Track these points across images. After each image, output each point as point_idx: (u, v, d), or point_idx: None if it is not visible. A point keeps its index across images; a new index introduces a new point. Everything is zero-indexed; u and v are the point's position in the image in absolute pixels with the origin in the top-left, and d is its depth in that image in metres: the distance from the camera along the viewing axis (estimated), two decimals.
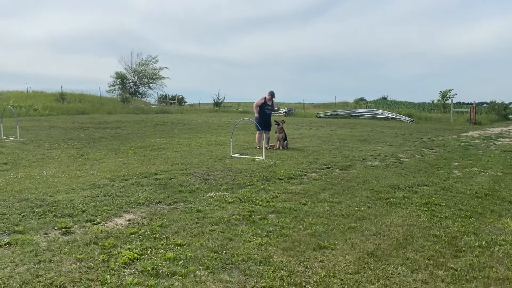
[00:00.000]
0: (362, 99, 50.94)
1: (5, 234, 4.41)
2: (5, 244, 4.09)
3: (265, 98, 12.33)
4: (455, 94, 44.10)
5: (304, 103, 45.73)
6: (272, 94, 12.44)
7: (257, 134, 12.31)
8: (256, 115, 12.23)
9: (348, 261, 3.93)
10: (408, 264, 3.90)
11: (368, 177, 7.97)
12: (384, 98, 58.23)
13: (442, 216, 5.45)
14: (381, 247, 4.31)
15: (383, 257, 4.03)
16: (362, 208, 5.75)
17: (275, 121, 12.49)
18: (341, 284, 3.46)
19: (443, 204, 6.08)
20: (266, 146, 11.91)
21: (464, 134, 19.44)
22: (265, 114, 12.34)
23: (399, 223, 5.13)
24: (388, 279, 3.57)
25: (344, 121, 28.17)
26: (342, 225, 4.97)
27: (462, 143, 14.81)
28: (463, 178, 8.10)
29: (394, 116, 31.40)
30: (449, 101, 37.54)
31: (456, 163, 10.06)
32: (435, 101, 42.26)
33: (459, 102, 44.12)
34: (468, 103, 41.14)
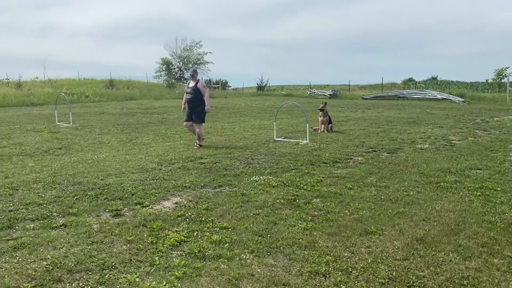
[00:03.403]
0: (410, 80, 49.13)
1: (60, 216, 4.64)
2: (60, 226, 4.31)
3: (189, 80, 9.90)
4: None
5: (349, 85, 44.70)
6: (195, 73, 9.90)
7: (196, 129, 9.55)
8: (183, 101, 9.84)
9: (396, 247, 3.82)
10: (460, 251, 3.74)
11: (417, 161, 7.70)
12: (434, 78, 55.83)
13: (497, 202, 5.18)
14: (431, 233, 4.16)
15: (433, 244, 3.89)
16: (411, 193, 5.56)
17: (319, 109, 12.17)
18: (388, 270, 3.38)
19: (498, 188, 5.77)
20: (199, 143, 9.35)
21: None
22: (186, 100, 9.55)
23: (450, 209, 4.92)
24: (439, 266, 3.44)
25: (392, 103, 27.33)
26: (390, 210, 4.84)
27: None
28: None
29: (444, 97, 30.08)
30: (505, 79, 35.29)
31: None
32: (489, 80, 39.96)
33: None
34: None
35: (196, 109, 9.38)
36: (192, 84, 9.52)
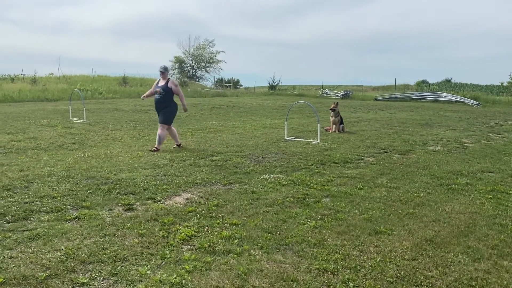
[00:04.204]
0: (424, 82, 48.78)
1: (74, 208, 4.73)
2: (74, 218, 4.40)
3: (158, 79, 8.95)
4: None
5: (362, 86, 44.50)
6: (165, 70, 8.81)
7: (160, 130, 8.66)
8: (143, 95, 9.34)
9: (405, 247, 3.83)
10: (469, 252, 3.74)
11: (428, 162, 7.67)
12: (448, 81, 55.31)
13: (508, 205, 5.15)
14: (441, 234, 4.16)
15: (443, 245, 3.89)
16: (422, 194, 5.56)
17: (330, 109, 12.15)
18: (397, 269, 3.39)
19: (511, 192, 5.73)
20: (156, 146, 8.47)
21: None
22: (155, 100, 8.79)
23: (460, 210, 4.91)
24: (447, 267, 3.45)
25: (405, 104, 27.14)
26: (400, 211, 4.84)
27: None
28: None
29: (458, 99, 29.78)
30: None
31: None
32: (504, 83, 39.56)
33: None
34: None
35: (164, 109, 8.63)
36: (162, 83, 8.71)
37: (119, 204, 4.90)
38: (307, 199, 5.26)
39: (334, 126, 12.07)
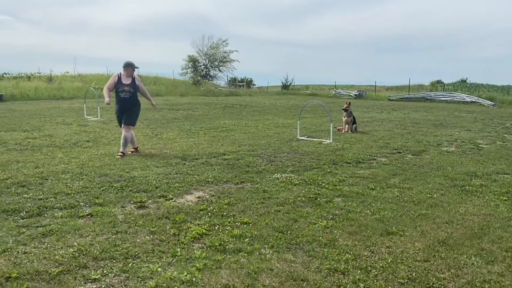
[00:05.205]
0: (439, 82, 48.18)
1: (87, 205, 4.79)
2: (87, 215, 4.45)
3: (119, 76, 7.93)
4: None
5: (375, 86, 44.14)
6: (129, 66, 7.88)
7: (123, 132, 7.93)
8: (107, 99, 7.80)
9: (417, 248, 3.80)
10: (483, 255, 3.68)
11: (442, 163, 7.58)
12: (464, 81, 54.59)
13: None
14: (454, 236, 4.11)
15: (455, 246, 3.85)
16: (435, 195, 5.50)
17: (343, 109, 12.06)
18: (408, 270, 3.36)
19: None
20: (122, 151, 7.72)
21: None
22: (120, 99, 7.85)
23: (474, 212, 4.84)
24: (460, 269, 3.41)
25: (419, 105, 26.86)
26: (412, 212, 4.80)
27: None
28: None
29: (473, 100, 29.36)
30: None
31: None
32: None
33: None
34: None
35: (130, 109, 7.89)
36: (128, 81, 7.84)
37: (131, 202, 4.95)
38: (318, 198, 5.24)
39: (347, 126, 12.00)
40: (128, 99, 7.82)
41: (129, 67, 7.84)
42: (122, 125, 7.92)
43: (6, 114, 15.14)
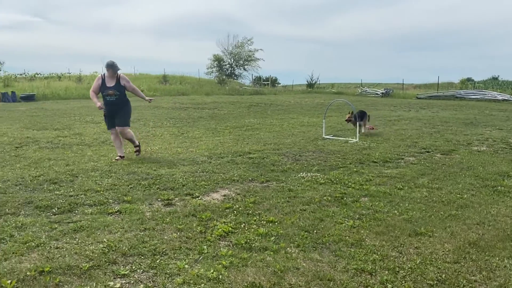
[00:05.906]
0: (469, 80, 46.95)
1: (116, 202, 4.89)
2: (116, 212, 4.54)
3: (103, 77, 7.41)
4: None
5: (403, 84, 43.40)
6: (110, 67, 7.28)
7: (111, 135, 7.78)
8: (98, 104, 7.25)
9: (447, 249, 3.71)
10: None
11: (473, 163, 7.39)
12: (495, 78, 53.05)
13: None
14: (485, 237, 4.00)
15: (487, 248, 3.74)
16: (465, 196, 5.36)
17: (346, 120, 11.26)
18: (438, 272, 3.29)
19: None
20: (120, 155, 7.46)
21: None
22: (107, 103, 7.39)
23: (507, 213, 4.70)
24: (492, 272, 3.31)
25: (448, 103, 26.25)
26: (442, 212, 4.69)
27: None
28: None
29: (505, 98, 28.49)
30: None
31: None
32: None
33: None
34: None
35: (121, 111, 7.46)
36: (112, 82, 7.34)
37: (159, 199, 5.02)
38: (345, 198, 5.20)
39: (362, 128, 11.39)
40: (114, 102, 7.37)
41: (110, 68, 7.29)
42: (112, 128, 7.51)
43: (38, 113, 15.62)
